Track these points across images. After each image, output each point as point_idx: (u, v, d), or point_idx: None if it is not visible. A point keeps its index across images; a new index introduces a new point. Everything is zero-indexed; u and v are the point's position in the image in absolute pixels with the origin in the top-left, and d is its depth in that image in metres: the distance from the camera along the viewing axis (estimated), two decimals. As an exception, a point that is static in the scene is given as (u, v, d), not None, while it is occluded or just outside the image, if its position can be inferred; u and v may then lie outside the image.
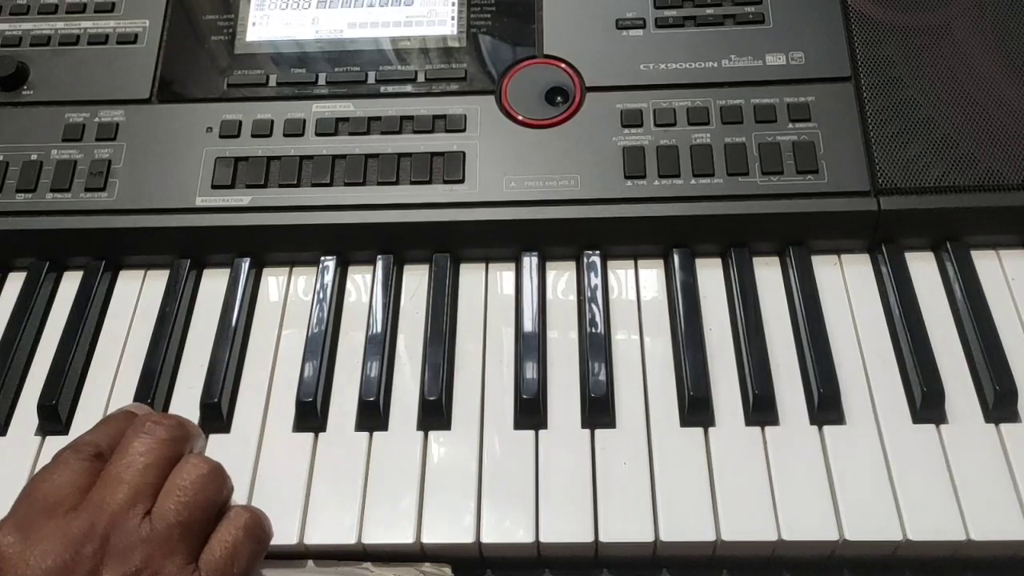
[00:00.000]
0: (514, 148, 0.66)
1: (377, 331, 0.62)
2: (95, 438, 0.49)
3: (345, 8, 0.72)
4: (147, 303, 0.65)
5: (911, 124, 0.64)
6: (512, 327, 0.63)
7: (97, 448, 0.48)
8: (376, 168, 0.66)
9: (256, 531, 0.48)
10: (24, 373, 0.63)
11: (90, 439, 0.49)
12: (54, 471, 0.47)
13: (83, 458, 0.48)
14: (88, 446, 0.49)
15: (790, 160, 0.64)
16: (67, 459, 0.48)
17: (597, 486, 0.55)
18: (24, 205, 0.66)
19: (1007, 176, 0.63)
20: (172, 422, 0.49)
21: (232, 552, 0.47)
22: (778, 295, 0.63)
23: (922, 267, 0.64)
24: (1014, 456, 0.55)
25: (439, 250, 0.65)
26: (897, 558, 0.54)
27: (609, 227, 0.64)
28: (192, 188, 0.66)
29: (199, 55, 0.71)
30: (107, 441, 0.49)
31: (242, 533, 0.47)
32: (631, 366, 0.60)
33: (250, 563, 0.48)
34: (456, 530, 0.54)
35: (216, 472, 0.48)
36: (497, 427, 0.58)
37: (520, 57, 0.69)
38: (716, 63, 0.68)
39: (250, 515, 0.49)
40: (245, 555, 0.47)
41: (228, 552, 0.47)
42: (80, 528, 0.44)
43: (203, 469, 0.48)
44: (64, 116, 0.69)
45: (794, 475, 0.55)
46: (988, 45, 0.67)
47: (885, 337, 0.61)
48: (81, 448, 0.48)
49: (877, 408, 0.58)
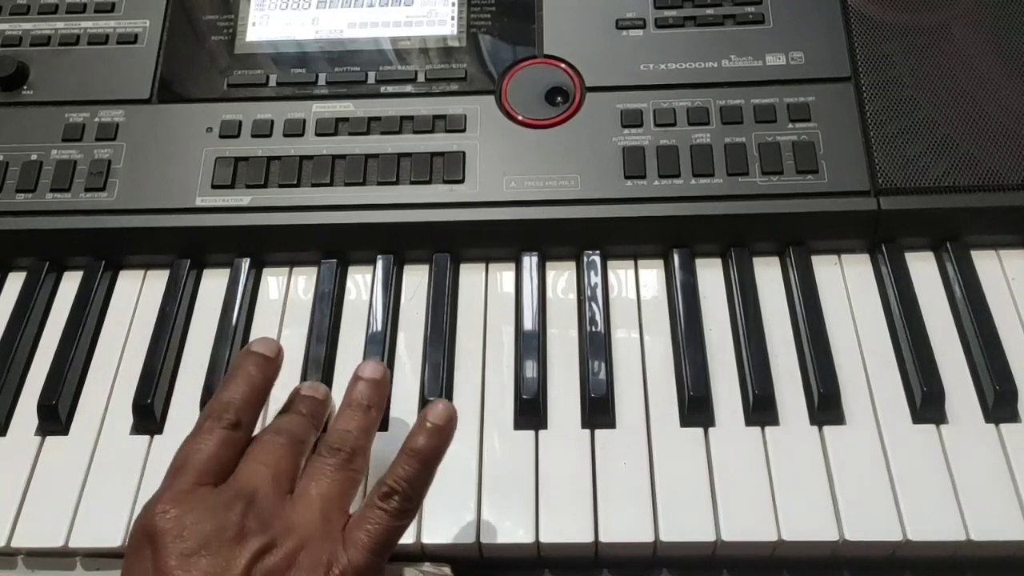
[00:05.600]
0: (514, 148, 0.66)
1: (377, 331, 0.62)
2: (231, 398, 0.49)
3: (345, 8, 0.72)
4: (147, 303, 0.65)
5: (911, 124, 0.64)
6: (512, 327, 0.63)
7: (237, 414, 0.49)
8: (376, 168, 0.66)
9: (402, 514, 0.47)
10: (24, 373, 0.63)
11: (227, 400, 0.49)
12: (200, 440, 0.48)
13: (225, 427, 0.48)
14: (228, 412, 0.49)
15: (790, 160, 0.64)
16: (210, 428, 0.48)
17: (597, 486, 0.55)
18: (24, 205, 0.66)
19: (1007, 176, 0.63)
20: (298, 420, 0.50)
21: (376, 531, 0.46)
22: (778, 295, 0.63)
23: (922, 267, 0.64)
24: (1014, 456, 0.55)
25: (439, 250, 0.65)
26: (897, 558, 0.54)
27: (609, 227, 0.64)
28: (192, 188, 0.66)
29: (199, 55, 0.71)
30: (242, 400, 0.50)
31: (385, 515, 0.47)
32: (631, 366, 0.60)
33: (395, 541, 0.47)
34: (456, 530, 0.54)
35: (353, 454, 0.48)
36: (497, 427, 0.58)
37: (520, 57, 0.69)
38: (716, 63, 0.68)
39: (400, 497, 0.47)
40: (390, 535, 0.47)
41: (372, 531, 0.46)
42: (230, 497, 0.45)
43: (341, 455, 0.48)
44: (64, 116, 0.69)
45: (794, 475, 0.55)
46: (988, 45, 0.67)
47: (885, 337, 0.61)
48: (220, 414, 0.49)
49: (877, 408, 0.58)
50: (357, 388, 0.51)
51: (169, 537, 0.44)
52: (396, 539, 0.47)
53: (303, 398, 0.52)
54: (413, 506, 0.47)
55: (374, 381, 0.52)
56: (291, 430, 0.50)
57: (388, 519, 0.46)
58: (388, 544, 0.46)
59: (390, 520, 0.46)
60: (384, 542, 0.46)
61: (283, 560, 0.44)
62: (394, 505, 0.46)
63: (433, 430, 0.48)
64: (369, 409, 0.51)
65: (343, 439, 0.49)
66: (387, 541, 0.46)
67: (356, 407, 0.51)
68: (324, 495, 0.47)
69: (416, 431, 0.48)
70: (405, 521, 0.47)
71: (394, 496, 0.46)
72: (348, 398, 0.51)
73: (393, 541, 0.47)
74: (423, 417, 0.49)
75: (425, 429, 0.48)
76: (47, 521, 0.56)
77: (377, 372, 0.52)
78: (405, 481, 0.47)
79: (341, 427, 0.50)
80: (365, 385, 0.51)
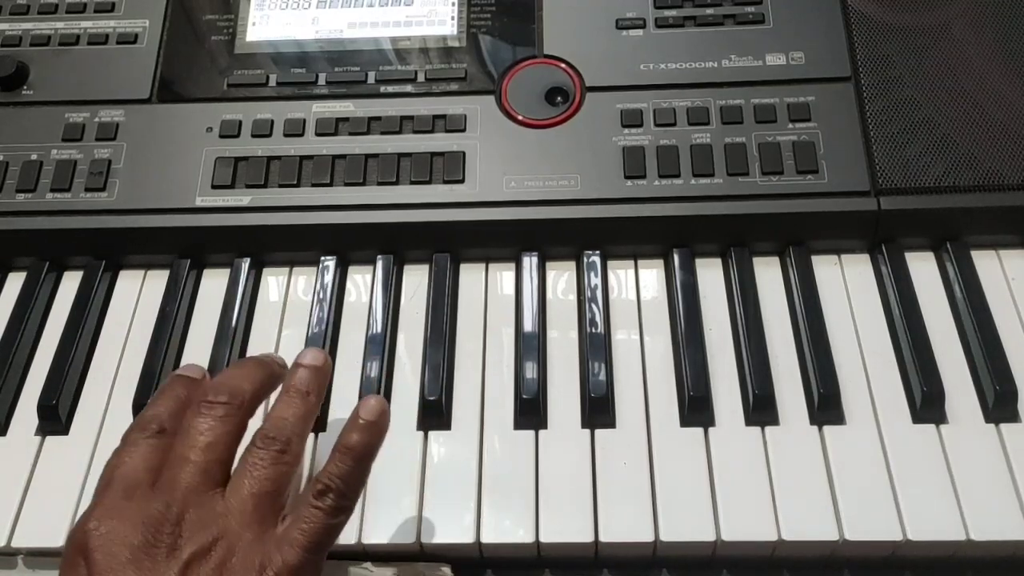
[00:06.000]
0: (514, 148, 0.66)
1: (377, 331, 0.62)
2: (156, 412, 0.49)
3: (345, 8, 0.72)
4: (147, 303, 0.65)
5: (911, 124, 0.64)
6: (512, 327, 0.63)
7: (160, 424, 0.49)
8: (376, 168, 0.66)
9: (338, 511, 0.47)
10: (24, 373, 0.63)
11: (152, 414, 0.49)
12: (125, 453, 0.48)
13: (149, 436, 0.48)
14: (151, 422, 0.49)
15: (790, 160, 0.64)
16: (135, 440, 0.48)
17: (597, 486, 0.55)
18: (24, 205, 0.66)
19: (1007, 176, 0.63)
20: (224, 398, 0.49)
21: (311, 529, 0.46)
22: (778, 295, 0.63)
23: (922, 267, 0.64)
24: (1014, 456, 0.55)
25: (439, 250, 0.65)
26: (897, 558, 0.54)
27: (609, 227, 0.64)
28: (192, 188, 0.66)
29: (199, 55, 0.71)
30: (168, 413, 0.49)
31: (320, 513, 0.46)
32: (631, 366, 0.60)
33: (331, 540, 0.47)
34: (456, 530, 0.54)
35: (288, 444, 0.48)
36: (497, 427, 0.58)
37: (520, 57, 0.69)
38: (716, 63, 0.68)
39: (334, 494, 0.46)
40: (325, 534, 0.46)
41: (306, 529, 0.46)
42: (157, 508, 0.45)
43: (275, 446, 0.47)
44: (64, 116, 0.69)
45: (794, 475, 0.55)
46: (988, 45, 0.67)
47: (885, 337, 0.61)
48: (145, 426, 0.49)
49: (877, 408, 0.58)
50: (297, 374, 0.50)
51: (100, 553, 0.43)
52: (332, 538, 0.47)
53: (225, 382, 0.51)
54: (348, 503, 0.47)
55: (315, 368, 0.51)
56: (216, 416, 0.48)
57: (323, 517, 0.46)
58: (324, 543, 0.46)
59: (325, 518, 0.46)
60: (319, 541, 0.46)
61: (216, 567, 0.44)
62: (329, 503, 0.46)
63: (365, 426, 0.48)
64: (308, 395, 0.50)
65: (279, 428, 0.48)
66: (322, 540, 0.46)
67: (295, 394, 0.50)
68: (256, 493, 0.46)
69: (349, 428, 0.48)
70: (341, 518, 0.47)
71: (328, 494, 0.46)
72: (287, 384, 0.50)
73: (329, 540, 0.46)
74: (355, 413, 0.48)
75: (358, 426, 0.48)
76: (47, 521, 0.56)
77: (318, 359, 0.51)
78: (339, 478, 0.46)
79: (278, 414, 0.49)
80: (305, 372, 0.51)
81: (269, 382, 0.52)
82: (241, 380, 0.50)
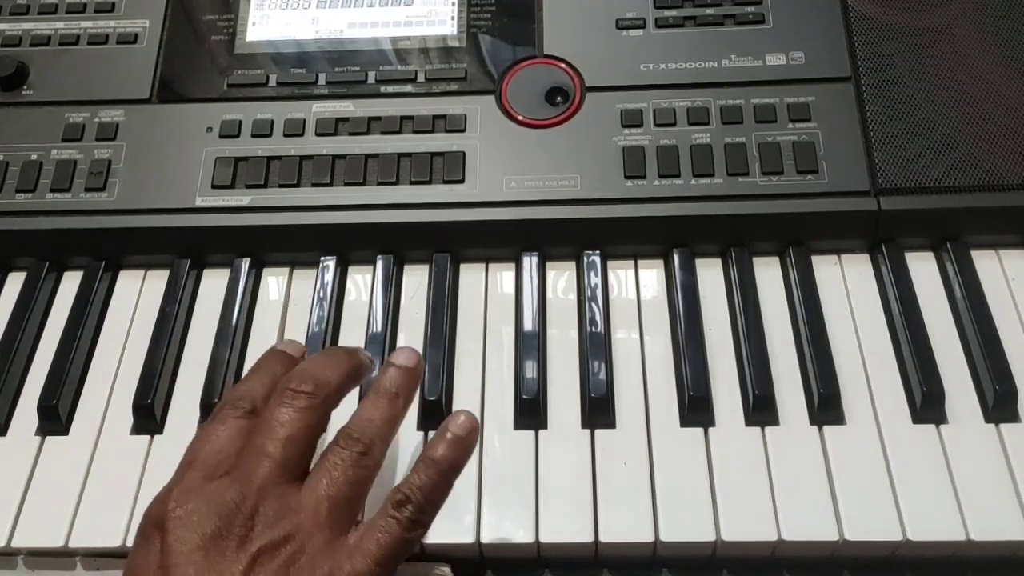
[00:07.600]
0: (514, 148, 0.66)
1: (377, 331, 0.62)
2: (251, 388, 0.49)
3: (345, 8, 0.72)
4: (147, 303, 0.65)
5: (911, 124, 0.64)
6: (512, 327, 0.63)
7: (252, 402, 0.48)
8: (376, 168, 0.66)
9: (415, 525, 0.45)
10: (24, 373, 0.63)
11: (245, 390, 0.49)
12: (213, 430, 0.47)
13: (239, 415, 0.48)
14: (244, 401, 0.48)
15: (790, 160, 0.64)
16: (224, 417, 0.48)
17: (597, 486, 0.55)
18: (24, 205, 0.66)
19: (1007, 176, 0.63)
20: (308, 387, 0.48)
21: (385, 541, 0.45)
22: (778, 295, 0.63)
23: (922, 267, 0.64)
24: (1014, 456, 0.55)
25: (439, 250, 0.65)
26: (897, 558, 0.54)
27: (609, 227, 0.64)
28: (192, 188, 0.66)
29: (199, 55, 0.71)
30: (262, 393, 0.49)
31: (397, 525, 0.45)
32: (631, 366, 0.60)
33: (404, 554, 0.46)
34: (456, 530, 0.54)
35: (370, 447, 0.47)
36: (497, 427, 0.58)
37: (520, 57, 0.69)
38: (716, 63, 0.68)
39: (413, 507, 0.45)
40: (400, 547, 0.45)
41: (381, 541, 0.45)
42: (233, 499, 0.44)
43: (357, 447, 0.46)
44: (64, 116, 0.69)
45: (794, 475, 0.55)
46: (988, 45, 0.67)
47: (885, 337, 0.61)
48: (236, 404, 0.48)
49: (877, 408, 0.58)
50: (388, 374, 0.49)
51: (173, 536, 0.43)
52: (405, 553, 0.46)
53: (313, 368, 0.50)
54: (427, 518, 0.46)
55: (407, 369, 0.50)
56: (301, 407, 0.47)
57: (399, 529, 0.45)
58: (396, 557, 0.45)
59: (401, 531, 0.45)
60: (393, 555, 0.45)
61: (284, 564, 0.43)
62: (407, 515, 0.45)
63: (454, 441, 0.47)
64: (396, 398, 0.49)
65: (363, 429, 0.47)
66: (396, 554, 0.45)
67: (383, 394, 0.49)
68: (333, 495, 0.45)
69: (436, 440, 0.47)
70: (417, 532, 0.46)
71: (408, 505, 0.45)
72: (377, 383, 0.49)
73: (402, 554, 0.45)
74: (444, 427, 0.47)
75: (446, 439, 0.47)
76: (47, 521, 0.56)
77: (411, 360, 0.50)
78: (420, 490, 0.45)
79: (365, 415, 0.48)
80: (396, 372, 0.49)
81: (356, 375, 0.51)
82: (327, 370, 0.49)
